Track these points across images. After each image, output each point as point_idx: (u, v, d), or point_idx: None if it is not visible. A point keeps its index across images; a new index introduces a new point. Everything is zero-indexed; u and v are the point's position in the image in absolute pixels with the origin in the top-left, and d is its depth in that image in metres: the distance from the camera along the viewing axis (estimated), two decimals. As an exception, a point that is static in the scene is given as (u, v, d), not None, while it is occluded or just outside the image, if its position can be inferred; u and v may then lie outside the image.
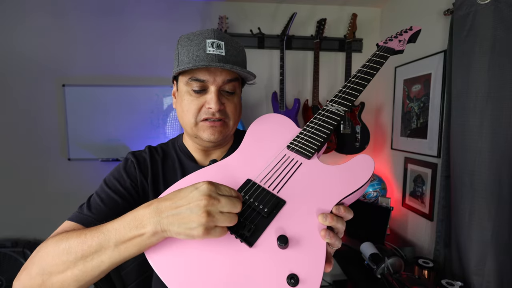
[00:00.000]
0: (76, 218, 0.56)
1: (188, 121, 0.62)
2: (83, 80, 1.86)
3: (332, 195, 0.47)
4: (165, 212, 0.41)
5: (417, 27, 0.68)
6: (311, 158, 0.52)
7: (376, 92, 2.05)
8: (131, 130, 1.89)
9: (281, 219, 0.46)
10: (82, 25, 1.84)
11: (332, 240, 0.42)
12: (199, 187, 0.41)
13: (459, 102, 1.20)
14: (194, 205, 0.40)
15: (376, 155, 2.06)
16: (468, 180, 1.15)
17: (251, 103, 1.99)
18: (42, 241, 0.50)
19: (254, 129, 0.61)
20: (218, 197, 0.41)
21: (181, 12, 1.89)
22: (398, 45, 0.65)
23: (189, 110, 0.61)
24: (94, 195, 0.62)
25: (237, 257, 0.42)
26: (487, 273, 1.09)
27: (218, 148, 0.70)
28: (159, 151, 0.71)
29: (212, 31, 0.61)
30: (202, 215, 0.39)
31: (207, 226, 0.39)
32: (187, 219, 0.40)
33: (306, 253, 0.42)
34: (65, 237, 0.47)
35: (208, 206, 0.39)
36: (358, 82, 0.60)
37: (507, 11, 1.02)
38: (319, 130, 0.55)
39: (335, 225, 0.44)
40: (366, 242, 1.39)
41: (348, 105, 0.57)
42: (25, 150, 1.87)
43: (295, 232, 0.44)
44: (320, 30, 1.86)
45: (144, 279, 0.74)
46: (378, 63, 0.61)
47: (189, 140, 0.70)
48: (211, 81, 0.60)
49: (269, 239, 0.44)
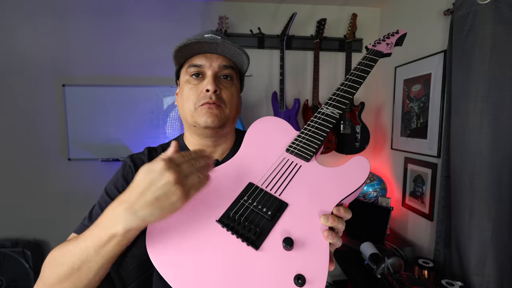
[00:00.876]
0: (79, 230, 0.58)
1: (188, 109, 0.63)
2: (83, 80, 1.86)
3: (332, 197, 0.48)
4: (136, 205, 0.41)
5: (403, 31, 0.70)
6: (309, 161, 0.53)
7: (376, 92, 2.05)
8: (131, 130, 1.89)
9: (285, 221, 0.47)
10: (82, 25, 1.84)
11: (334, 240, 0.44)
12: (156, 167, 0.41)
13: (459, 102, 1.20)
14: (162, 184, 0.40)
15: (376, 155, 2.06)
16: (468, 180, 1.15)
17: (251, 103, 1.99)
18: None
19: (253, 132, 0.62)
20: (177, 167, 0.42)
21: (181, 12, 1.89)
22: (386, 48, 0.66)
23: (188, 98, 0.63)
24: (96, 205, 0.63)
25: (244, 260, 0.43)
26: (487, 273, 1.08)
27: (219, 145, 0.70)
28: (159, 151, 0.71)
29: (210, 31, 0.65)
30: (176, 187, 0.41)
31: (185, 194, 0.42)
32: (165, 198, 0.41)
33: (311, 254, 0.43)
34: (58, 249, 0.49)
35: (176, 178, 0.41)
36: (350, 85, 0.61)
37: (507, 11, 1.02)
38: (316, 133, 0.57)
39: (336, 226, 0.46)
40: (366, 242, 1.39)
41: (342, 107, 0.59)
42: (25, 150, 1.87)
43: (299, 233, 0.45)
44: (320, 30, 1.86)
45: (144, 279, 0.74)
46: (368, 66, 0.63)
47: (190, 137, 0.70)
48: (208, 65, 0.63)
49: (274, 242, 0.45)
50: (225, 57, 0.65)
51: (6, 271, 1.76)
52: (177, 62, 0.66)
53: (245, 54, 0.65)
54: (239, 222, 0.47)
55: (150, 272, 0.74)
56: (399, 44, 0.71)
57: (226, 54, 0.65)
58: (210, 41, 0.60)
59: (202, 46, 0.62)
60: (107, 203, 0.60)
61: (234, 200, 0.51)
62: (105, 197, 0.62)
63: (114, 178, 0.66)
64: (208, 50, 0.63)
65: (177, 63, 0.66)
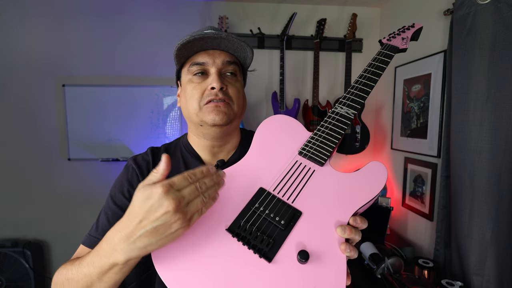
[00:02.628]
0: (87, 242, 0.58)
1: (193, 109, 0.61)
2: (83, 80, 1.86)
3: (348, 205, 0.45)
4: (134, 235, 0.39)
5: (419, 24, 0.66)
6: (323, 165, 0.50)
7: (376, 92, 2.05)
8: (131, 130, 1.89)
9: (299, 231, 0.44)
10: (82, 25, 1.84)
11: (352, 253, 0.42)
12: (154, 195, 0.38)
13: (459, 102, 1.20)
14: (161, 214, 0.37)
15: (376, 155, 2.06)
16: (468, 180, 1.15)
17: (251, 103, 1.99)
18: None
19: (263, 132, 0.58)
20: (179, 194, 0.39)
21: (181, 12, 1.89)
22: (401, 43, 0.63)
23: (192, 97, 0.61)
24: (102, 212, 0.61)
25: (256, 273, 0.41)
26: (487, 273, 1.08)
27: (225, 145, 0.68)
28: (162, 151, 0.68)
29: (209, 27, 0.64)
30: (177, 217, 0.38)
31: (186, 221, 0.39)
32: (164, 228, 0.38)
33: (328, 268, 0.41)
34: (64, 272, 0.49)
35: (176, 208, 0.38)
36: (365, 83, 0.58)
37: (507, 11, 1.02)
38: (330, 135, 0.53)
39: (353, 237, 0.43)
40: (366, 242, 1.39)
41: (357, 107, 0.55)
42: (25, 150, 1.87)
43: (314, 245, 0.42)
44: (320, 30, 1.86)
45: (144, 279, 0.74)
46: (384, 63, 0.60)
47: (195, 137, 0.67)
48: (211, 63, 0.60)
49: (288, 254, 0.42)
50: (228, 53, 0.63)
51: (6, 271, 1.76)
52: (179, 61, 0.63)
53: (250, 47, 0.62)
54: (251, 231, 0.44)
55: (150, 272, 0.74)
56: (415, 39, 0.67)
57: (229, 49, 0.63)
58: (213, 36, 0.57)
59: (205, 42, 0.59)
60: (114, 212, 0.59)
61: (245, 207, 0.47)
62: (112, 205, 0.60)
63: (118, 183, 0.64)
64: (210, 46, 0.61)
65: (178, 62, 0.63)
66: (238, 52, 0.64)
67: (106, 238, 0.43)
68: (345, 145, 1.86)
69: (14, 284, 1.78)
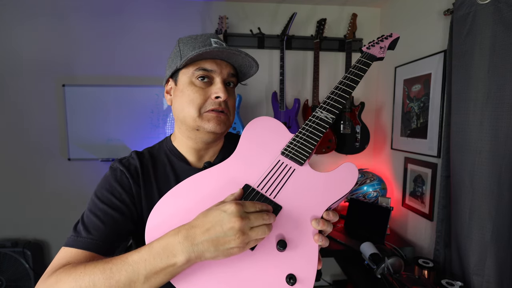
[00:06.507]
0: (78, 244, 0.52)
1: (190, 113, 0.61)
2: (83, 80, 1.86)
3: (322, 202, 0.51)
4: (197, 239, 0.43)
5: (396, 34, 0.70)
6: (303, 165, 0.55)
7: (376, 92, 2.05)
8: (131, 130, 1.89)
9: (278, 223, 0.50)
10: (82, 25, 1.84)
11: (323, 242, 0.48)
12: (227, 210, 0.44)
13: (459, 102, 1.20)
14: (227, 228, 0.42)
15: (376, 155, 2.06)
16: (468, 180, 1.15)
17: (251, 103, 1.99)
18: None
19: (249, 133, 0.62)
20: (247, 215, 0.44)
21: (181, 12, 1.89)
22: (379, 52, 0.67)
23: (193, 101, 0.60)
24: (87, 213, 0.57)
25: (240, 260, 0.46)
26: (487, 273, 1.08)
27: (211, 148, 0.69)
28: (146, 156, 0.67)
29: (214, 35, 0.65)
30: (238, 236, 0.42)
31: (244, 244, 0.43)
32: (223, 241, 0.43)
33: (302, 256, 0.47)
34: (85, 272, 0.45)
35: (241, 227, 0.42)
36: (344, 89, 0.62)
37: (507, 11, 1.02)
38: (310, 137, 0.58)
39: (325, 229, 0.49)
40: (366, 242, 1.39)
41: (335, 112, 0.59)
42: (25, 150, 1.87)
43: (292, 236, 0.49)
44: (320, 30, 1.86)
45: None
46: (362, 70, 0.63)
47: (184, 139, 0.67)
48: (218, 72, 0.62)
49: (268, 243, 0.48)
50: (233, 66, 0.65)
51: (6, 271, 1.76)
52: (185, 64, 0.61)
53: (257, 66, 0.65)
54: None
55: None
56: (392, 48, 0.71)
57: (235, 63, 0.64)
58: (232, 51, 0.59)
59: (221, 53, 0.60)
60: (105, 211, 0.57)
61: None
62: (101, 205, 0.57)
63: (105, 185, 0.61)
64: (220, 56, 0.62)
65: (184, 64, 0.61)
66: (243, 68, 0.66)
67: (160, 240, 0.45)
68: (345, 145, 1.87)
69: (14, 284, 1.78)
